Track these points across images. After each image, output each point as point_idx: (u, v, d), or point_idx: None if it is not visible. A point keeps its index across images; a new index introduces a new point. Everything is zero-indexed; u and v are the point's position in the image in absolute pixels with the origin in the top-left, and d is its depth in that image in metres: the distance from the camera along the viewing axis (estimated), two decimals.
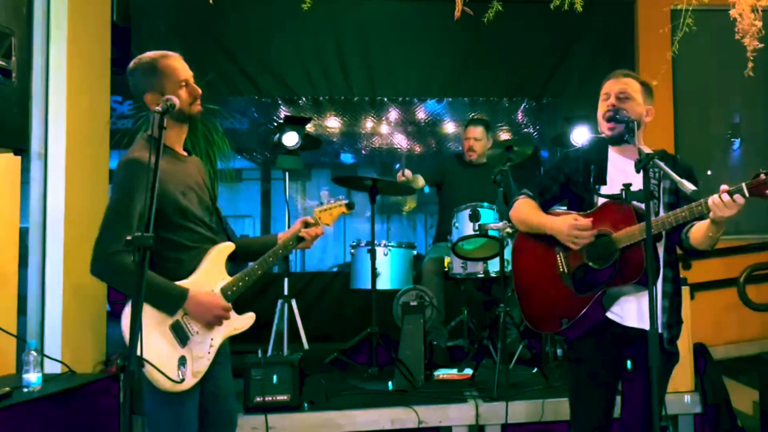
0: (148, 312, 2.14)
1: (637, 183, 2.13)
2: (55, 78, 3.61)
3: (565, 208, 2.55)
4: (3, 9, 2.57)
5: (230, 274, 2.36)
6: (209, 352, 2.25)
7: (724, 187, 2.06)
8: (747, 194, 2.02)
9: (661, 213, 2.28)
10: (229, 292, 2.31)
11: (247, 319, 2.37)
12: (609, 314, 2.33)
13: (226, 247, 2.36)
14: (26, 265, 3.53)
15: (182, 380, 2.17)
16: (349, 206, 2.58)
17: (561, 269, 2.39)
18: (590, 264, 2.32)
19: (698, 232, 2.24)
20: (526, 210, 2.48)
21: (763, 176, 2.01)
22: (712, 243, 2.25)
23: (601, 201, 2.36)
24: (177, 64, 2.45)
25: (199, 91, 2.46)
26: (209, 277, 2.29)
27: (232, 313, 2.32)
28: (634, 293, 2.31)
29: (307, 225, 2.51)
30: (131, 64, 2.44)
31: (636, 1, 5.67)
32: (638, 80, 2.44)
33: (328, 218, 2.56)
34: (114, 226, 2.17)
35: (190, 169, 2.43)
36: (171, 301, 2.18)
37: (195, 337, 2.22)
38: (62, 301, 3.57)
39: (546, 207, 2.51)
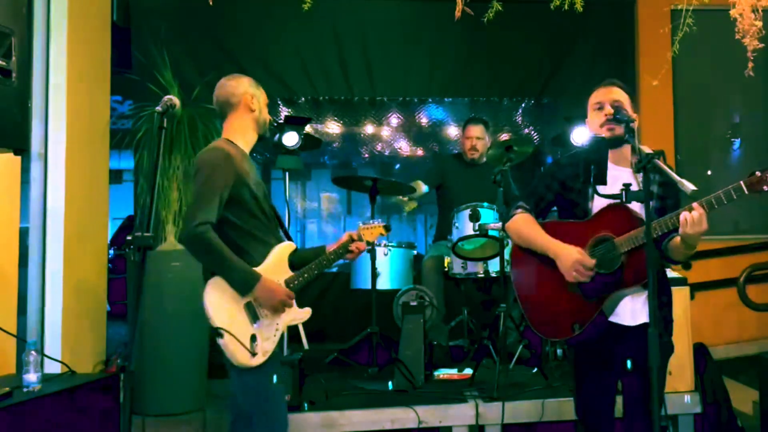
0: (227, 288, 2.44)
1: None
2: (55, 78, 3.61)
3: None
4: (3, 9, 2.57)
5: None
6: (275, 335, 2.51)
7: (695, 204, 2.14)
8: (746, 191, 2.11)
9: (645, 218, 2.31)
10: (291, 285, 2.58)
11: (306, 312, 2.64)
12: (612, 318, 2.37)
13: (289, 246, 2.64)
14: (26, 265, 3.52)
15: (255, 354, 2.42)
16: (387, 228, 2.86)
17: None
18: (596, 269, 2.33)
19: (674, 244, 2.31)
20: (526, 228, 2.48)
21: (758, 174, 2.10)
22: (684, 257, 2.35)
23: (596, 208, 2.40)
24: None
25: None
26: (274, 269, 2.55)
27: (294, 305, 2.60)
28: (629, 295, 2.35)
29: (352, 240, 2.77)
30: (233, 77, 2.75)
31: (636, 1, 5.67)
32: (625, 90, 2.50)
33: (370, 236, 2.80)
34: (201, 201, 2.40)
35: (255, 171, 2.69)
36: (245, 280, 2.44)
37: (264, 320, 2.49)
38: (62, 301, 3.56)
39: (542, 215, 2.54)
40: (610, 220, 2.34)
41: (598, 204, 2.40)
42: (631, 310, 2.37)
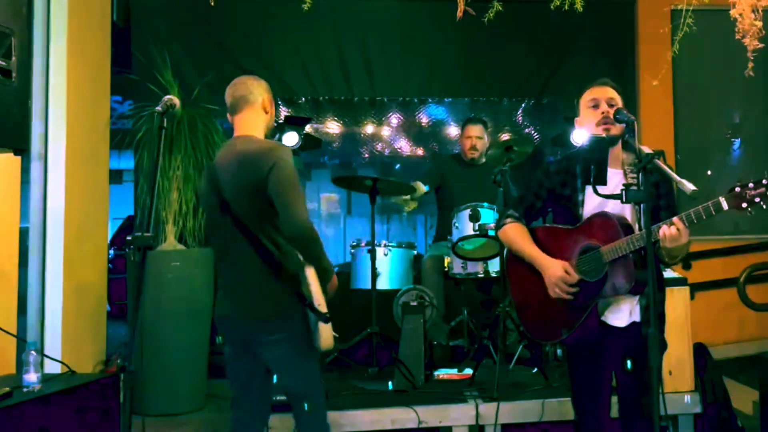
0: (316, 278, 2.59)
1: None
2: (55, 78, 3.61)
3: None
4: (3, 9, 2.57)
5: None
6: None
7: (676, 219, 2.16)
8: (725, 207, 2.10)
9: (642, 219, 2.32)
10: None
11: None
12: (602, 318, 2.42)
13: None
14: (26, 265, 3.52)
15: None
16: None
17: None
18: (582, 277, 2.39)
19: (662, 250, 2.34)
20: (516, 238, 2.55)
21: (737, 189, 2.08)
22: (671, 263, 2.40)
23: (587, 213, 2.44)
24: None
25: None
26: None
27: None
28: (623, 299, 2.40)
29: None
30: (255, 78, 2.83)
31: (636, 1, 5.67)
32: (617, 90, 2.53)
33: None
34: (299, 196, 2.56)
35: None
36: (331, 269, 2.67)
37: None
38: (62, 301, 3.56)
39: (536, 219, 2.60)
40: (597, 228, 2.38)
41: (588, 209, 2.44)
42: (621, 312, 2.41)
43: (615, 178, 2.42)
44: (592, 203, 2.43)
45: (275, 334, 2.58)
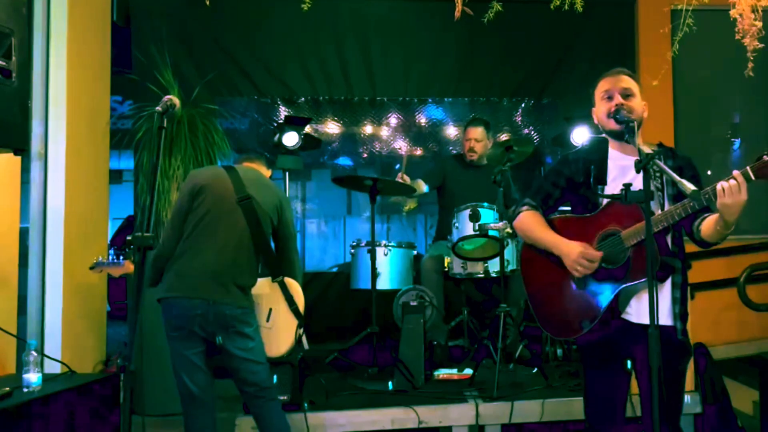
0: None
1: (637, 180, 2.14)
2: (55, 78, 3.61)
3: (569, 208, 2.54)
4: (3, 9, 2.57)
5: None
6: None
7: (736, 172, 2.09)
8: (753, 177, 2.06)
9: (666, 205, 2.28)
10: None
11: None
12: (624, 315, 2.32)
13: None
14: (26, 265, 3.53)
15: None
16: None
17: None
18: (603, 264, 2.30)
19: (707, 224, 2.26)
20: (532, 225, 2.46)
21: (766, 157, 2.04)
22: (720, 237, 2.27)
23: (606, 201, 2.35)
24: None
25: None
26: None
27: None
28: (643, 289, 2.29)
29: None
30: None
31: (636, 1, 5.67)
32: (633, 78, 2.47)
33: None
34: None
35: None
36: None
37: None
38: (62, 301, 3.57)
39: (550, 212, 2.50)
40: (617, 213, 2.30)
41: (610, 194, 2.35)
42: (644, 306, 2.25)
43: (631, 165, 2.33)
44: (613, 188, 2.35)
45: (253, 324, 2.85)
